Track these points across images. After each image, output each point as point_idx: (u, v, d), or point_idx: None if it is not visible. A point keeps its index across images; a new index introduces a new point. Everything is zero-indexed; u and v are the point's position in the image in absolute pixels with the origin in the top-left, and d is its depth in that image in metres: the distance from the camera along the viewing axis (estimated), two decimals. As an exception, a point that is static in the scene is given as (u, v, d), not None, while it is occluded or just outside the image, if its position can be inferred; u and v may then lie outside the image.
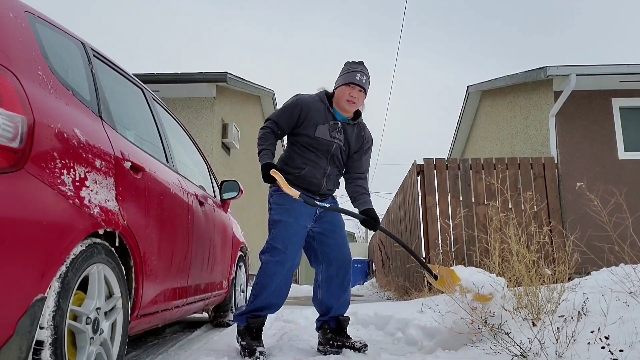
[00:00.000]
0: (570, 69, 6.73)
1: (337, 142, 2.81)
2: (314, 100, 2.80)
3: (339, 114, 2.82)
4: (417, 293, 5.72)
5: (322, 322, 2.91)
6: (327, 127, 2.77)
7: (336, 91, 2.79)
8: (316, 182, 2.81)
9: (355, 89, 2.73)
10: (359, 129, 2.91)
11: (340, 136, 2.82)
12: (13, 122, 1.34)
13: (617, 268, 3.19)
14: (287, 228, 2.71)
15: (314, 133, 2.76)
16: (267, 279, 2.70)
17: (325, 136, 2.77)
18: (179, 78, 7.54)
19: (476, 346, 2.44)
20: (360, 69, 2.76)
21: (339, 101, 2.76)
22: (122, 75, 2.44)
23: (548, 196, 6.54)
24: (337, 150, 2.82)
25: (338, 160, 2.86)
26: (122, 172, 1.89)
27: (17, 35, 1.55)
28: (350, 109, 2.78)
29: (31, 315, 1.32)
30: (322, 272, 2.89)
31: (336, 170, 2.89)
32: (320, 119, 2.77)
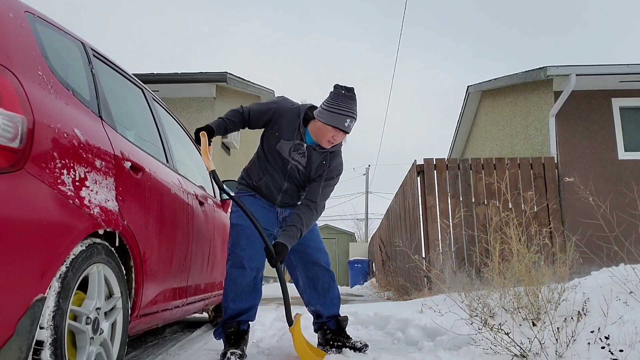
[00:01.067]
0: (570, 69, 6.73)
1: (294, 164, 2.67)
2: (290, 112, 2.65)
3: (310, 136, 2.63)
4: (417, 293, 5.73)
5: (321, 324, 2.87)
6: (290, 145, 2.63)
7: (319, 124, 2.54)
8: (271, 196, 2.74)
9: (339, 134, 2.53)
10: (326, 157, 2.69)
11: (302, 159, 2.66)
12: (13, 122, 1.34)
13: (617, 268, 3.19)
14: (243, 231, 2.63)
15: (275, 144, 2.64)
16: (229, 286, 2.63)
17: (284, 153, 2.64)
18: (179, 78, 7.54)
19: (476, 345, 2.44)
20: (350, 112, 2.49)
21: (319, 137, 2.57)
22: (122, 75, 2.44)
23: (548, 196, 6.54)
24: (293, 170, 2.69)
25: (296, 180, 2.72)
26: (122, 172, 1.89)
27: (17, 35, 1.55)
28: (327, 147, 2.61)
29: (31, 315, 1.32)
30: (301, 275, 2.83)
31: (294, 187, 2.76)
32: (287, 133, 2.63)
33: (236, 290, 2.63)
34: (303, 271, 2.82)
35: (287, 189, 2.74)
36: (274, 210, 2.78)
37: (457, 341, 2.59)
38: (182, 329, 3.89)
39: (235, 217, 2.70)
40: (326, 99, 2.55)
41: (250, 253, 2.62)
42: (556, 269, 2.82)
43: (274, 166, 2.69)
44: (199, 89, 7.79)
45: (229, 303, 2.65)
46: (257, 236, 2.58)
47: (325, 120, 2.50)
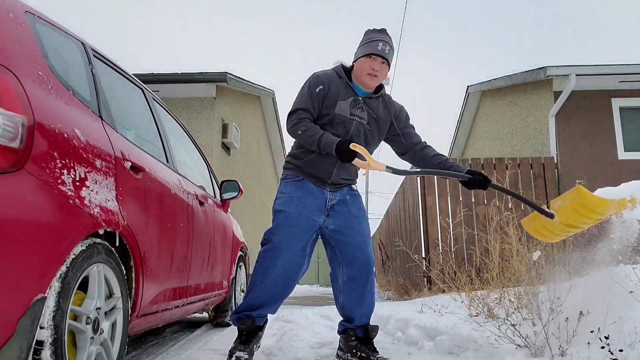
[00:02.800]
0: (570, 69, 6.73)
1: (358, 120, 2.47)
2: (331, 76, 2.50)
3: (359, 88, 2.50)
4: (417, 293, 5.73)
5: (347, 328, 2.61)
6: (348, 103, 2.46)
7: (355, 64, 2.47)
8: (327, 169, 2.48)
9: (377, 61, 2.40)
10: (384, 102, 2.57)
11: (363, 113, 2.49)
12: (13, 122, 1.34)
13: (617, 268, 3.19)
14: (286, 219, 2.43)
15: (334, 110, 2.44)
16: (260, 273, 2.44)
17: (344, 113, 2.44)
18: (179, 78, 7.53)
19: (478, 344, 2.45)
20: (382, 37, 2.42)
21: (359, 75, 2.45)
22: (122, 75, 2.44)
23: (548, 196, 6.54)
24: (357, 130, 2.47)
25: (359, 142, 2.45)
26: (122, 172, 1.89)
27: (17, 35, 1.55)
28: (371, 84, 2.46)
29: (31, 315, 1.32)
30: (343, 274, 2.55)
31: None
32: (340, 94, 2.46)
33: (266, 281, 2.42)
34: (347, 269, 2.54)
35: None
36: (322, 197, 2.52)
37: (458, 341, 2.59)
38: (182, 329, 3.89)
39: (278, 203, 2.51)
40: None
41: (289, 241, 2.41)
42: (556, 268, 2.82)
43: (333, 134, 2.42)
44: (199, 89, 7.79)
45: (252, 291, 2.47)
46: (299, 226, 2.42)
47: (359, 54, 2.44)
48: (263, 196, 11.42)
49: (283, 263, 2.41)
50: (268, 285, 2.43)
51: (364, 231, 2.57)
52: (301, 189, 2.47)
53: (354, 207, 2.57)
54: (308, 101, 2.44)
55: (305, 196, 2.46)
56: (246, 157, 9.96)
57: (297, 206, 2.44)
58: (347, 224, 2.52)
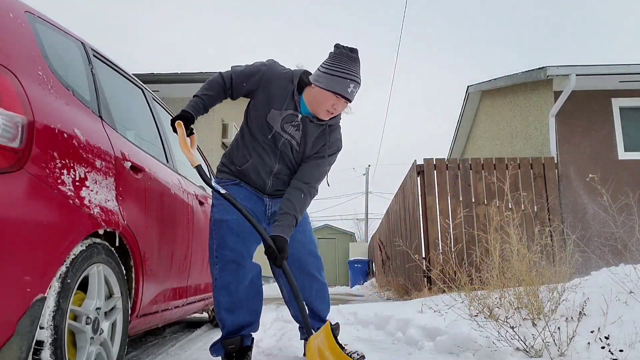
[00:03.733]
0: (570, 69, 6.73)
1: (287, 138, 2.25)
2: (282, 77, 2.23)
3: (305, 106, 2.23)
4: (417, 293, 5.73)
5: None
6: (282, 115, 2.22)
7: (316, 91, 2.16)
8: (259, 182, 2.33)
9: (341, 101, 2.14)
10: (324, 131, 2.30)
11: (296, 132, 2.25)
12: (13, 122, 1.34)
13: (617, 268, 3.19)
14: (230, 229, 2.24)
15: (265, 115, 2.22)
16: (222, 295, 2.24)
17: (274, 124, 2.22)
18: (179, 78, 7.54)
19: (478, 344, 2.45)
20: (353, 75, 2.11)
21: (316, 106, 2.18)
22: (122, 75, 2.44)
23: (548, 196, 6.54)
24: (285, 147, 2.27)
25: (289, 159, 2.31)
26: (122, 172, 1.89)
27: (17, 35, 1.55)
28: (325, 119, 2.23)
29: (31, 315, 1.32)
30: (285, 286, 2.39)
31: (286, 169, 2.35)
32: (278, 101, 2.21)
33: (232, 299, 2.24)
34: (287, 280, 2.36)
35: (279, 172, 2.34)
36: (262, 202, 2.37)
37: (458, 341, 2.59)
38: (182, 329, 3.89)
39: (217, 211, 2.29)
40: (325, 60, 2.15)
41: (242, 251, 2.24)
42: (556, 268, 2.82)
43: (262, 144, 2.27)
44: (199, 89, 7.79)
45: (224, 316, 2.27)
46: (246, 231, 2.21)
47: (324, 86, 2.11)
48: (263, 196, 11.41)
49: (245, 273, 2.26)
50: (238, 304, 2.26)
51: (306, 238, 2.45)
52: (240, 194, 2.29)
53: None
54: (238, 72, 2.26)
55: (244, 201, 2.28)
56: (246, 157, 9.95)
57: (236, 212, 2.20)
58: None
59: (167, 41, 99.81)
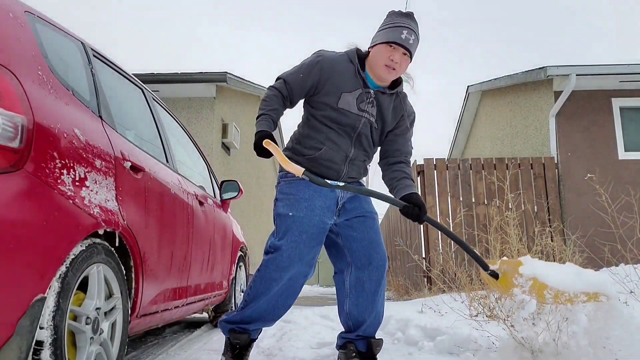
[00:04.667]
0: (570, 69, 6.73)
1: (367, 117, 2.15)
2: (340, 60, 2.14)
3: (372, 80, 2.14)
4: (417, 293, 5.73)
5: (347, 341, 2.28)
6: (355, 95, 2.12)
7: (372, 51, 2.09)
8: (334, 168, 2.18)
9: (398, 51, 2.02)
10: (398, 100, 2.22)
11: (372, 109, 2.15)
12: (13, 122, 1.34)
13: (617, 268, 3.19)
14: (295, 225, 2.10)
15: (336, 103, 2.11)
16: (262, 284, 2.13)
17: (350, 108, 2.11)
18: (179, 78, 7.53)
19: (478, 345, 2.44)
20: (408, 23, 2.03)
21: (375, 65, 2.08)
22: (122, 75, 2.44)
23: (548, 196, 6.54)
24: (365, 128, 2.16)
25: (367, 141, 2.20)
26: (122, 172, 1.89)
27: (17, 35, 1.55)
28: (388, 78, 2.10)
29: (31, 315, 1.32)
30: (351, 275, 2.24)
31: (363, 153, 2.23)
32: (347, 84, 2.11)
33: (269, 294, 2.13)
34: (357, 270, 2.23)
35: (355, 157, 2.20)
36: (333, 195, 2.20)
37: (458, 341, 2.59)
38: (182, 329, 3.89)
39: (283, 205, 2.17)
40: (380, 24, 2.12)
41: (300, 251, 2.09)
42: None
43: (337, 130, 2.14)
44: (199, 89, 7.79)
45: (252, 302, 2.16)
46: (310, 232, 2.10)
47: (378, 40, 2.06)
48: (263, 196, 11.42)
49: (292, 276, 2.12)
50: (271, 299, 2.15)
51: (377, 229, 2.30)
52: (308, 189, 2.14)
53: (366, 202, 2.29)
54: (294, 76, 2.15)
55: (314, 197, 2.14)
56: (246, 157, 9.96)
57: (306, 209, 2.11)
58: (359, 220, 2.24)
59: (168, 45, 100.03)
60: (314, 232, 2.11)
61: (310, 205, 2.12)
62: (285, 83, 2.14)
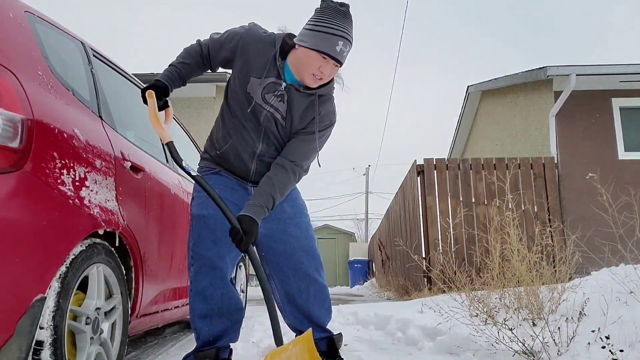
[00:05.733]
0: (570, 69, 6.73)
1: (270, 110, 1.94)
2: (262, 40, 1.93)
3: (290, 73, 1.92)
4: (417, 293, 5.73)
5: None
6: (263, 84, 1.91)
7: (300, 52, 1.85)
8: (241, 166, 2.02)
9: (329, 63, 1.82)
10: (314, 101, 1.97)
11: (279, 104, 1.94)
12: (13, 122, 1.34)
13: (617, 268, 3.19)
14: (207, 225, 1.96)
15: (245, 85, 1.93)
16: (198, 301, 1.98)
17: (254, 95, 1.92)
18: (179, 78, 7.53)
19: (478, 345, 2.44)
20: (343, 31, 1.79)
21: (301, 69, 1.87)
22: (122, 75, 2.44)
23: (548, 196, 6.54)
24: (268, 122, 1.95)
25: (274, 138, 2.00)
26: (122, 172, 1.89)
27: (17, 35, 1.55)
28: (313, 85, 1.90)
29: (31, 315, 1.32)
30: (277, 290, 2.10)
31: (273, 150, 2.03)
32: (257, 68, 1.91)
33: (208, 305, 1.98)
34: (280, 283, 2.08)
35: (263, 153, 2.02)
36: (245, 192, 2.07)
37: (458, 341, 2.59)
38: (182, 329, 3.89)
39: (196, 205, 2.02)
40: (310, 17, 1.86)
41: (220, 251, 1.96)
42: (556, 268, 2.82)
43: (242, 121, 1.97)
44: (199, 89, 7.79)
45: (199, 324, 2.00)
46: (225, 229, 1.90)
47: (308, 44, 1.80)
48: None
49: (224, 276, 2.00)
50: (216, 311, 2.00)
51: (302, 233, 2.09)
52: (218, 184, 2.00)
53: (287, 204, 2.08)
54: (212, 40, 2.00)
55: (224, 192, 1.99)
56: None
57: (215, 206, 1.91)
58: (280, 227, 2.05)
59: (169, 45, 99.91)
60: (227, 228, 1.89)
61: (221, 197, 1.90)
62: (210, 42, 2.00)
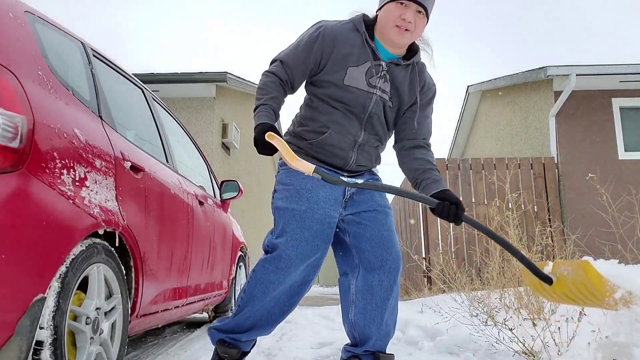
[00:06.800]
0: (570, 69, 6.73)
1: (379, 94, 1.84)
2: (345, 30, 1.82)
3: (384, 49, 1.82)
4: (417, 293, 5.73)
5: (352, 355, 1.94)
6: (364, 70, 1.81)
7: (380, 13, 1.77)
8: (341, 155, 1.88)
9: (409, 8, 1.70)
10: (415, 72, 1.89)
11: (385, 84, 1.84)
12: (13, 122, 1.34)
13: (617, 268, 3.19)
14: (296, 220, 1.81)
15: (342, 80, 1.81)
16: (259, 288, 1.84)
17: (359, 84, 1.81)
18: (179, 78, 7.53)
19: (478, 345, 2.44)
20: None
21: (385, 28, 1.76)
22: (122, 75, 2.44)
23: (548, 196, 6.54)
24: (377, 107, 1.85)
25: (380, 122, 1.89)
26: (122, 172, 1.89)
27: (17, 35, 1.55)
28: (401, 41, 1.77)
29: (31, 316, 1.32)
30: (358, 279, 1.92)
31: (374, 138, 1.92)
32: (353, 57, 1.80)
33: (266, 299, 1.85)
34: (365, 273, 1.90)
35: (365, 142, 1.89)
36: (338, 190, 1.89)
37: (458, 341, 2.59)
38: (182, 329, 3.89)
39: (281, 198, 1.88)
40: None
41: (302, 250, 1.79)
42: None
43: (344, 111, 1.84)
44: (199, 89, 7.79)
45: (246, 307, 1.87)
46: (312, 227, 1.80)
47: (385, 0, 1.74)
48: (263, 196, 11.42)
49: (294, 280, 1.86)
50: (267, 305, 1.87)
51: (391, 225, 1.96)
52: (311, 178, 1.80)
53: (378, 194, 1.96)
54: (293, 55, 1.85)
55: (318, 187, 1.84)
56: (246, 157, 9.97)
57: (308, 201, 1.82)
58: (370, 214, 1.92)
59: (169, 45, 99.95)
60: (318, 229, 1.82)
61: (312, 196, 1.83)
62: (283, 65, 1.84)
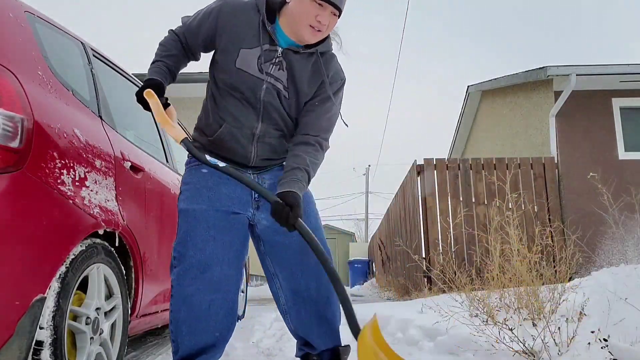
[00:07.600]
0: (571, 69, 6.73)
1: (270, 82, 1.68)
2: (244, 9, 1.68)
3: (284, 34, 1.68)
4: (417, 293, 5.73)
5: (307, 353, 1.88)
6: (256, 54, 1.67)
7: (293, 4, 1.62)
8: (239, 152, 1.73)
9: (327, 10, 1.58)
10: (318, 61, 1.72)
11: (280, 73, 1.69)
12: (13, 122, 1.34)
13: (617, 268, 3.19)
14: (197, 220, 1.68)
15: (234, 61, 1.67)
16: (181, 309, 1.68)
17: (249, 69, 1.67)
18: (179, 78, 7.50)
19: (478, 345, 2.44)
20: None
21: (296, 23, 1.62)
22: (122, 75, 2.44)
23: (548, 196, 6.54)
24: (270, 96, 1.69)
25: (277, 113, 1.73)
26: (122, 172, 1.89)
27: (17, 35, 1.55)
28: (311, 41, 1.66)
29: (31, 316, 1.32)
30: (283, 288, 1.81)
31: (274, 129, 1.75)
32: (247, 39, 1.66)
33: (193, 314, 1.67)
34: (285, 281, 1.79)
35: (264, 134, 1.74)
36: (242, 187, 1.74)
37: (458, 341, 2.59)
38: (182, 329, 3.89)
39: (183, 199, 1.74)
40: None
41: (213, 253, 1.66)
42: (556, 268, 2.82)
43: (239, 100, 1.71)
44: (199, 89, 7.77)
45: (179, 337, 1.70)
46: (222, 227, 1.68)
47: None
48: (263, 196, 11.41)
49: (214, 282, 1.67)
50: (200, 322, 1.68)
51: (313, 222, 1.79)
52: (213, 176, 1.71)
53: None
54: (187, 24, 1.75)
55: (220, 184, 1.72)
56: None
57: (209, 200, 1.70)
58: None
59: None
60: (224, 225, 1.69)
61: (214, 194, 1.71)
62: (183, 29, 1.76)
